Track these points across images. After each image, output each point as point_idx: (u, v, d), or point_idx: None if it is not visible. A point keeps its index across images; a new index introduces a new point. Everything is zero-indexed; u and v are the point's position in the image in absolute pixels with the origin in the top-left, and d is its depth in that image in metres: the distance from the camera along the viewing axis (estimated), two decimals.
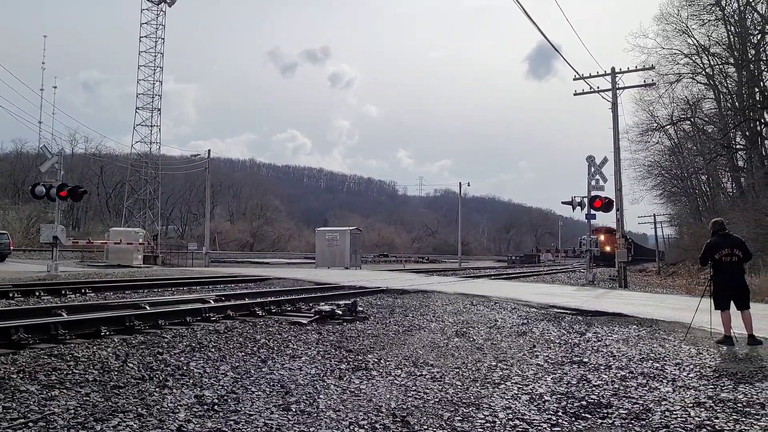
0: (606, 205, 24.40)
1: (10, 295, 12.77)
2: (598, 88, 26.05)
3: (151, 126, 58.61)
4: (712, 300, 9.11)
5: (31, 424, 4.19)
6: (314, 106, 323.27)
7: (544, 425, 4.69)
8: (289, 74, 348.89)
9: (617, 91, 25.96)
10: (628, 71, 26.11)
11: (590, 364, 7.18)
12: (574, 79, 26.27)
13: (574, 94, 27.01)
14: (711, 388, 6.01)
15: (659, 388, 5.98)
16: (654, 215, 68.76)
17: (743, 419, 4.93)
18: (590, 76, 26.18)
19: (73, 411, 4.54)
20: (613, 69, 25.94)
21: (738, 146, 39.63)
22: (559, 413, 5.03)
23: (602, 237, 56.81)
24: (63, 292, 13.82)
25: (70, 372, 5.69)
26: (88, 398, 4.90)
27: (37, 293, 13.30)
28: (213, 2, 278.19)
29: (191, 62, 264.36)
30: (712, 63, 39.75)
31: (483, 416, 4.87)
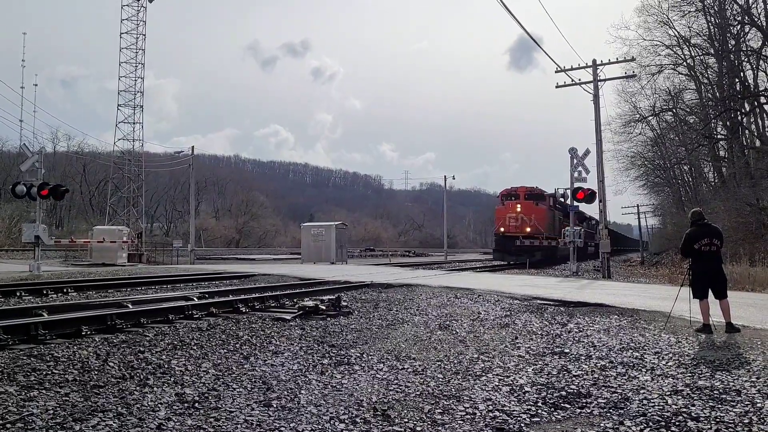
0: (589, 197, 24.58)
1: None
2: (579, 80, 26.20)
3: (134, 123, 58.05)
4: (690, 289, 9.24)
5: (9, 425, 4.17)
6: (296, 101, 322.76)
7: (524, 416, 4.74)
8: (269, 68, 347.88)
9: (599, 83, 26.12)
10: (609, 63, 26.28)
11: (571, 354, 7.26)
12: (556, 72, 26.38)
13: (556, 87, 27.14)
14: (689, 376, 6.10)
15: (638, 377, 6.06)
16: (638, 206, 69.48)
17: (719, 406, 5.01)
18: (572, 69, 26.31)
19: (52, 411, 4.51)
20: (594, 61, 26.08)
21: (719, 136, 40.01)
22: (539, 404, 5.08)
23: (519, 207, 37.83)
24: (44, 292, 13.69)
25: (50, 372, 5.66)
26: (67, 398, 4.88)
27: (18, 293, 13.17)
28: None
29: (170, 57, 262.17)
30: (693, 54, 40.06)
31: (463, 408, 4.91)
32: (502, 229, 38.23)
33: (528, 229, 36.17)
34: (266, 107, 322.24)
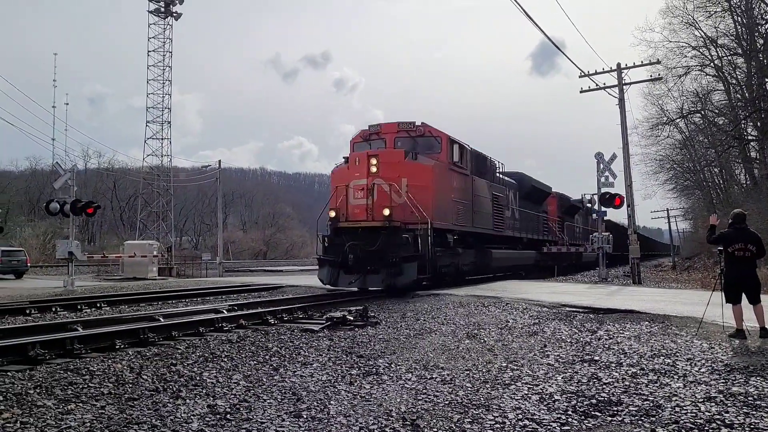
0: (615, 201, 24.33)
1: (27, 311, 12.97)
2: (604, 84, 25.94)
3: (162, 139, 59.13)
4: (723, 294, 9.10)
5: None
6: (318, 112, 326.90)
7: (554, 424, 4.72)
8: (290, 81, 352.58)
9: (624, 87, 25.86)
10: (634, 66, 25.99)
11: (601, 362, 7.19)
12: (580, 77, 26.17)
13: (580, 92, 26.88)
14: (722, 383, 6.01)
15: (670, 384, 5.99)
16: (667, 210, 68.30)
17: (754, 412, 4.93)
18: (596, 73, 26.08)
19: (89, 424, 4.63)
20: (618, 65, 25.83)
21: (750, 137, 39.25)
22: (569, 412, 5.05)
23: (374, 164, 16.96)
24: (79, 306, 14.00)
25: (86, 386, 5.79)
26: (103, 411, 5.00)
27: (53, 309, 13.49)
28: (209, 12, 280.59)
29: (192, 73, 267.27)
30: (720, 54, 39.48)
31: (492, 417, 4.90)
32: (332, 214, 17.75)
33: (386, 212, 16.48)
34: (289, 119, 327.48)
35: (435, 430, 4.60)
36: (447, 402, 5.39)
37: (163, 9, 58.04)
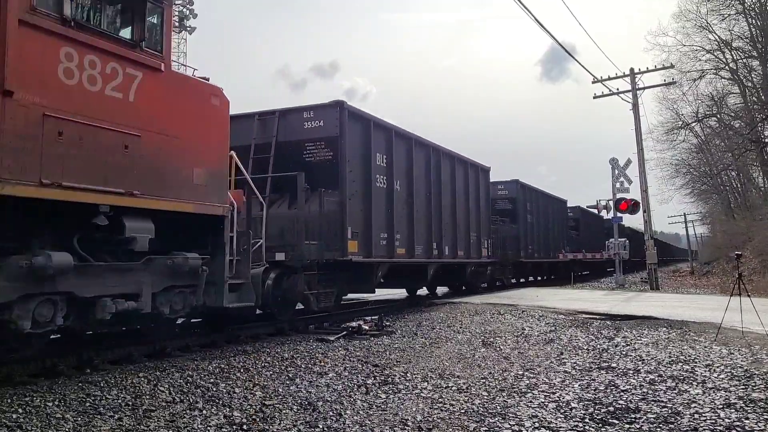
0: (632, 207, 24.17)
1: None
2: (617, 89, 25.88)
3: None
4: None
5: None
6: None
7: None
8: (299, 91, 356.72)
9: (638, 92, 25.74)
10: (648, 71, 25.89)
11: (618, 369, 7.13)
12: (593, 83, 26.11)
13: (594, 98, 26.81)
14: (742, 389, 5.94)
15: (689, 391, 5.93)
16: (684, 214, 67.71)
17: None
18: (608, 78, 26.01)
19: None
20: (632, 70, 25.74)
21: (767, 140, 38.85)
22: (586, 420, 5.02)
23: None
24: None
25: (104, 397, 5.83)
26: (121, 422, 5.03)
27: None
28: (217, 24, 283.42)
29: None
30: (735, 57, 39.17)
31: (509, 426, 4.88)
32: None
33: None
34: None
35: None
36: (463, 411, 5.37)
37: (177, 24, 58.74)
